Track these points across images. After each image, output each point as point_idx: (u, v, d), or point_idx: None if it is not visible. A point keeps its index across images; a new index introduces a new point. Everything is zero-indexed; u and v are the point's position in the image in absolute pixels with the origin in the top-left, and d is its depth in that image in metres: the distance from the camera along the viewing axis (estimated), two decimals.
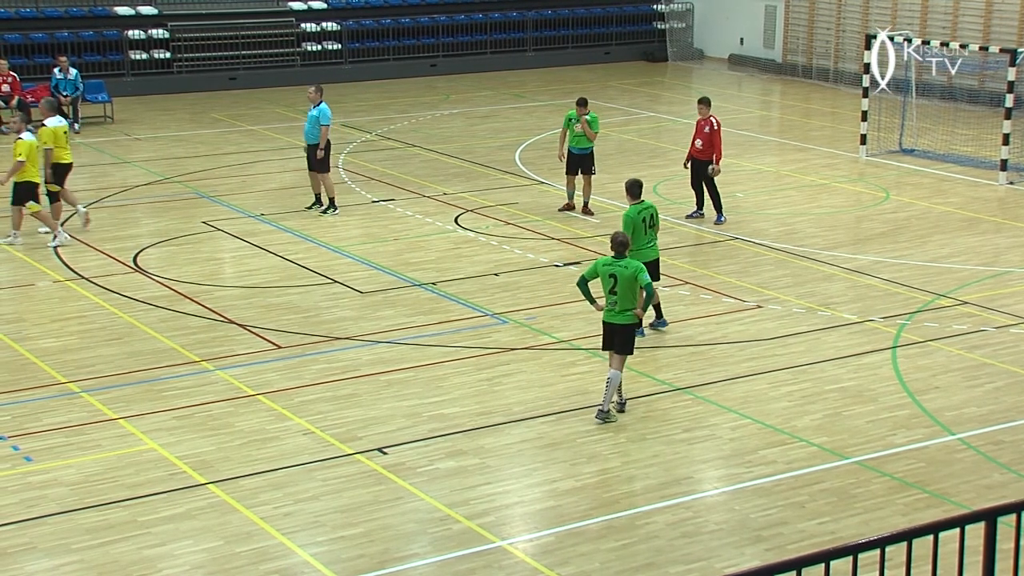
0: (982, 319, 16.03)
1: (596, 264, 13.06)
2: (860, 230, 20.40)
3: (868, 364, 14.56)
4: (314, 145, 20.72)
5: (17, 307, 16.58)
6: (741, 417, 13.11)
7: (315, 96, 20.76)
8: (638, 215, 15.01)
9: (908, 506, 11.22)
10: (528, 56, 37.18)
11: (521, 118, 29.52)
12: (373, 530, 10.79)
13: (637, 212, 15.02)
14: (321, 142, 20.62)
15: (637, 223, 14.93)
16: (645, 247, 14.99)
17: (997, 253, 19.04)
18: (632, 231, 14.71)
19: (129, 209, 21.52)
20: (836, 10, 34.95)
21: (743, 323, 15.91)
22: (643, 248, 14.90)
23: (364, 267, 18.16)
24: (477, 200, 21.75)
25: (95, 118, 28.77)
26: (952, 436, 12.70)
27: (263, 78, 33.55)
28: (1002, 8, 31.13)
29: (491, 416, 13.14)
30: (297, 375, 14.22)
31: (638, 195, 15.17)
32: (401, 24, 35.68)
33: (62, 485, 11.58)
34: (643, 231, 15.01)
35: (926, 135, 26.43)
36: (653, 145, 26.77)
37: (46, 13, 32.51)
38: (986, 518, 6.88)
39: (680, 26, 38.91)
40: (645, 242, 15.04)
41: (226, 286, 17.44)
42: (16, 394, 13.70)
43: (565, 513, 11.12)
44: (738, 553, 10.43)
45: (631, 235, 14.47)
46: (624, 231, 14.36)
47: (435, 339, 15.36)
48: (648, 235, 15.12)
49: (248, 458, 12.13)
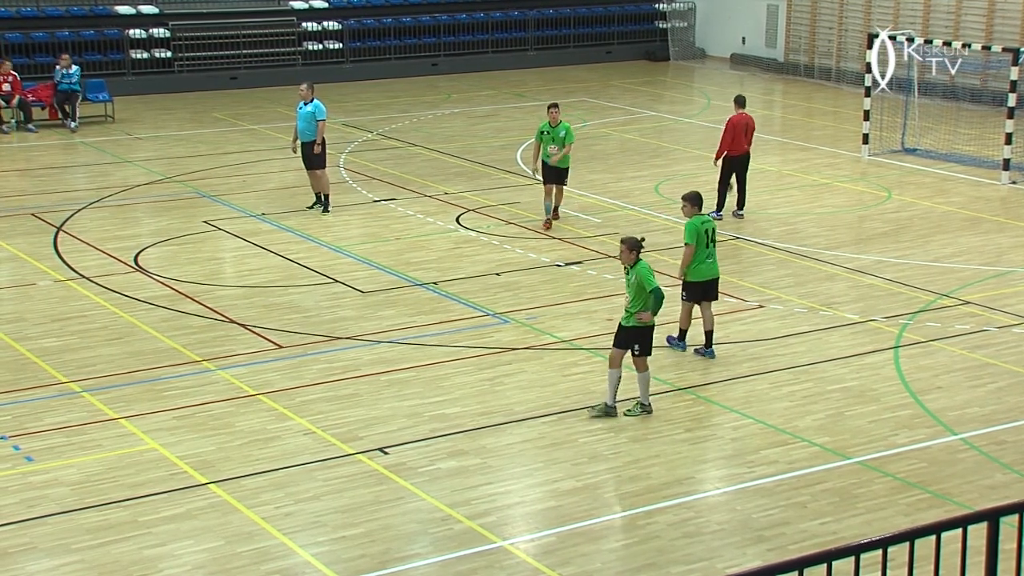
0: (984, 319, 16.00)
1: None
2: (862, 230, 20.38)
3: (870, 364, 14.54)
4: (310, 142, 20.68)
5: (18, 306, 16.56)
6: (743, 417, 13.09)
7: (307, 93, 20.70)
8: (702, 226, 14.51)
9: (910, 506, 11.19)
10: (530, 55, 37.16)
11: (522, 117, 29.48)
12: (374, 530, 10.77)
13: (701, 223, 14.53)
14: (318, 137, 20.59)
15: (700, 234, 14.44)
16: (706, 261, 14.54)
17: (999, 253, 19.01)
18: (696, 242, 14.39)
19: (130, 208, 21.50)
20: (838, 9, 34.91)
21: (745, 323, 15.89)
22: (703, 263, 14.51)
23: (365, 267, 18.14)
24: (478, 200, 21.73)
25: (96, 117, 28.76)
26: (954, 436, 12.67)
27: (264, 77, 33.53)
28: (1005, 7, 31.09)
29: (492, 416, 13.12)
30: (298, 375, 14.20)
31: (700, 206, 14.67)
32: (402, 23, 35.66)
33: (63, 485, 11.56)
34: (704, 243, 14.47)
35: (928, 134, 26.40)
36: (655, 145, 26.74)
37: (47, 12, 32.49)
38: (988, 518, 6.86)
39: (682, 25, 38.89)
40: (705, 256, 14.52)
41: (227, 286, 17.42)
42: (17, 394, 13.68)
43: (566, 513, 11.10)
44: (740, 553, 10.41)
45: (697, 247, 14.35)
46: (689, 241, 14.39)
47: (436, 339, 15.34)
48: (709, 249, 14.54)
49: (249, 458, 12.12)
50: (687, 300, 14.72)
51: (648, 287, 12.67)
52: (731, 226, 20.18)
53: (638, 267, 12.81)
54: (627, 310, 12.90)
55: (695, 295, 14.65)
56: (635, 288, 12.78)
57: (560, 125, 19.87)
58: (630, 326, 12.87)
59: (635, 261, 12.84)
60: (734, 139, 20.41)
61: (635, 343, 12.88)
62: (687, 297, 14.70)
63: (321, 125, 20.62)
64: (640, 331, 12.86)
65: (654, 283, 12.70)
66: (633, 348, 12.89)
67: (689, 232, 14.48)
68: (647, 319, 12.82)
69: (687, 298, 14.71)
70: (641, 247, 12.92)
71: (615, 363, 12.97)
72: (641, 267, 12.82)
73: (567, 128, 19.91)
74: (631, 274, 12.84)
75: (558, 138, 19.76)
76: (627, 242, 12.95)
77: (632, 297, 12.82)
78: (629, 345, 12.91)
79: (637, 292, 12.78)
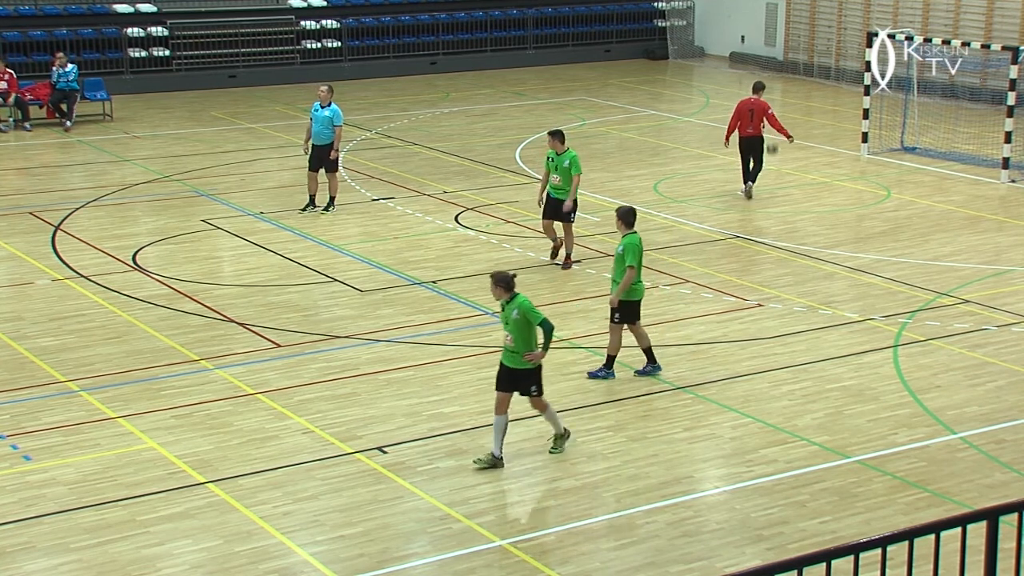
0: (983, 318, 15.99)
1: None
2: (861, 228, 20.36)
3: (869, 363, 14.53)
4: (324, 146, 20.55)
5: (16, 305, 16.54)
6: (742, 416, 13.07)
7: (327, 96, 20.57)
8: (640, 244, 13.80)
9: (909, 505, 11.18)
10: (528, 54, 37.13)
11: (521, 116, 29.48)
12: (373, 529, 10.75)
13: (640, 241, 13.82)
14: (336, 143, 20.52)
15: (641, 253, 13.73)
16: (641, 280, 13.87)
17: (999, 251, 19.00)
18: (638, 263, 13.61)
19: (128, 207, 21.48)
20: (838, 8, 34.90)
21: (744, 322, 15.87)
22: (639, 282, 13.82)
23: (364, 265, 18.12)
24: (477, 198, 21.71)
25: (94, 116, 28.74)
26: (953, 435, 12.66)
27: (263, 76, 33.51)
28: (1004, 6, 31.08)
29: (491, 415, 13.08)
30: (296, 374, 14.18)
31: (633, 224, 13.94)
32: (401, 22, 35.64)
33: (61, 484, 11.55)
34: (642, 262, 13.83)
35: (928, 133, 26.39)
36: (654, 143, 26.72)
37: (45, 11, 32.46)
38: (988, 517, 6.86)
39: (681, 24, 38.86)
40: (641, 275, 13.86)
41: (225, 285, 17.40)
42: (14, 393, 13.67)
43: (565, 512, 11.08)
44: (739, 552, 10.40)
45: (637, 266, 13.56)
46: (631, 261, 13.54)
47: (435, 338, 15.33)
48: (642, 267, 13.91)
49: (247, 457, 12.10)
50: (620, 323, 13.78)
51: (535, 320, 11.59)
52: (731, 226, 20.17)
53: (517, 301, 11.66)
54: (509, 350, 11.77)
55: (631, 316, 13.82)
56: (516, 326, 11.64)
57: (565, 153, 17.60)
58: (518, 368, 11.76)
59: (510, 297, 11.70)
60: (740, 121, 21.56)
61: (530, 385, 11.82)
62: (621, 319, 13.75)
63: (338, 131, 20.55)
64: (531, 372, 11.80)
65: (540, 316, 11.62)
66: (530, 391, 11.84)
67: (633, 252, 13.57)
68: (538, 358, 11.74)
69: (621, 320, 13.76)
70: (514, 283, 11.74)
71: (502, 408, 11.82)
72: (521, 301, 11.67)
73: (572, 157, 17.62)
74: (508, 310, 11.67)
75: (562, 168, 17.61)
76: (498, 280, 11.72)
77: (514, 336, 11.69)
78: (520, 388, 11.83)
79: (519, 330, 11.65)
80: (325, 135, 20.53)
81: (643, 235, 14.37)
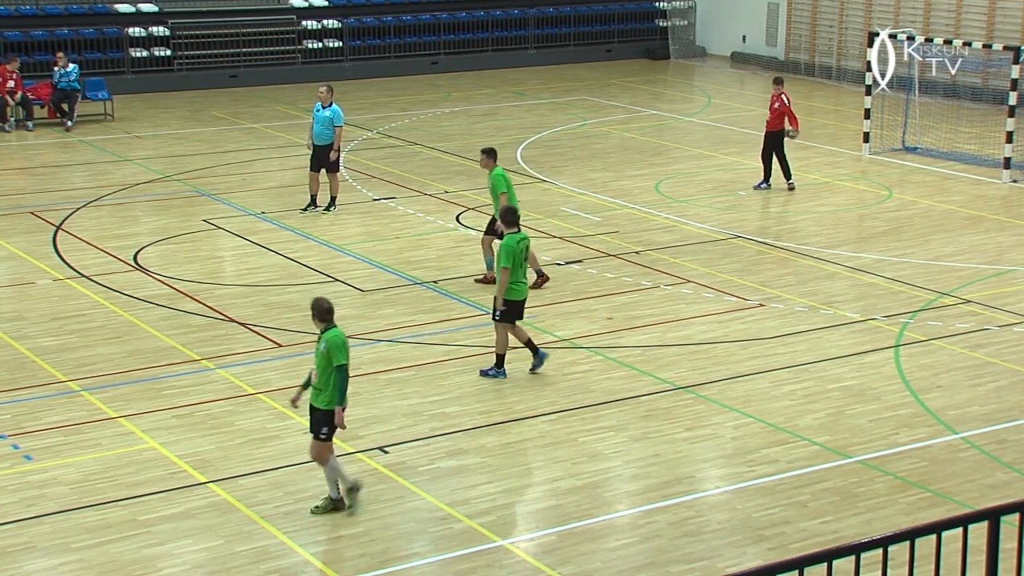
0: (985, 318, 15.98)
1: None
2: (863, 228, 20.35)
3: (871, 363, 14.52)
4: (325, 146, 20.54)
5: (17, 305, 16.53)
6: (743, 416, 13.06)
7: (327, 96, 20.57)
8: (517, 245, 13.75)
9: (911, 505, 11.18)
10: (529, 54, 37.12)
11: (522, 116, 29.47)
12: (374, 529, 10.75)
13: (516, 242, 13.75)
14: (336, 143, 20.52)
15: (516, 253, 13.71)
16: (521, 281, 13.83)
17: (1000, 251, 18.99)
18: (512, 264, 13.60)
19: (129, 207, 21.48)
20: (839, 8, 34.88)
21: (745, 322, 15.87)
22: (518, 282, 13.78)
23: (365, 265, 18.12)
24: (478, 198, 21.69)
25: (95, 116, 28.73)
26: (955, 435, 12.65)
27: (264, 76, 33.51)
28: (1005, 6, 31.07)
29: (492, 415, 13.10)
30: (297, 374, 14.13)
31: (516, 224, 13.87)
32: (402, 21, 35.63)
33: (61, 484, 11.54)
34: (519, 263, 13.79)
35: (929, 133, 26.38)
36: (655, 143, 26.71)
37: (46, 10, 32.46)
38: (989, 517, 6.85)
39: (682, 24, 38.85)
40: (521, 275, 13.85)
41: (226, 284, 17.40)
42: (15, 392, 13.66)
43: (566, 512, 11.08)
44: (740, 552, 10.39)
45: (512, 267, 13.52)
46: (505, 263, 13.53)
47: (436, 338, 15.32)
48: (523, 268, 13.88)
49: (248, 457, 12.10)
50: (504, 321, 13.75)
51: (335, 362, 10.62)
52: (732, 226, 20.16)
53: (329, 334, 10.74)
54: (316, 388, 10.83)
55: (514, 315, 13.80)
56: (319, 359, 10.75)
57: (492, 172, 16.67)
58: (321, 407, 10.81)
59: (325, 327, 10.80)
60: (771, 116, 22.46)
61: (323, 427, 10.79)
62: (503, 318, 13.72)
63: (339, 131, 20.54)
64: (328, 413, 10.80)
65: (342, 359, 10.64)
66: (320, 432, 10.80)
67: (506, 254, 13.53)
68: (340, 421, 10.82)
69: (503, 318, 13.73)
70: (331, 315, 10.85)
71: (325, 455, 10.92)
72: (334, 336, 10.70)
73: (497, 176, 16.62)
74: (321, 342, 10.76)
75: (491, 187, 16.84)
76: (313, 307, 10.89)
77: (318, 370, 10.77)
78: (313, 428, 10.88)
79: (321, 365, 10.74)
80: (326, 135, 20.52)
81: (644, 235, 14.38)
